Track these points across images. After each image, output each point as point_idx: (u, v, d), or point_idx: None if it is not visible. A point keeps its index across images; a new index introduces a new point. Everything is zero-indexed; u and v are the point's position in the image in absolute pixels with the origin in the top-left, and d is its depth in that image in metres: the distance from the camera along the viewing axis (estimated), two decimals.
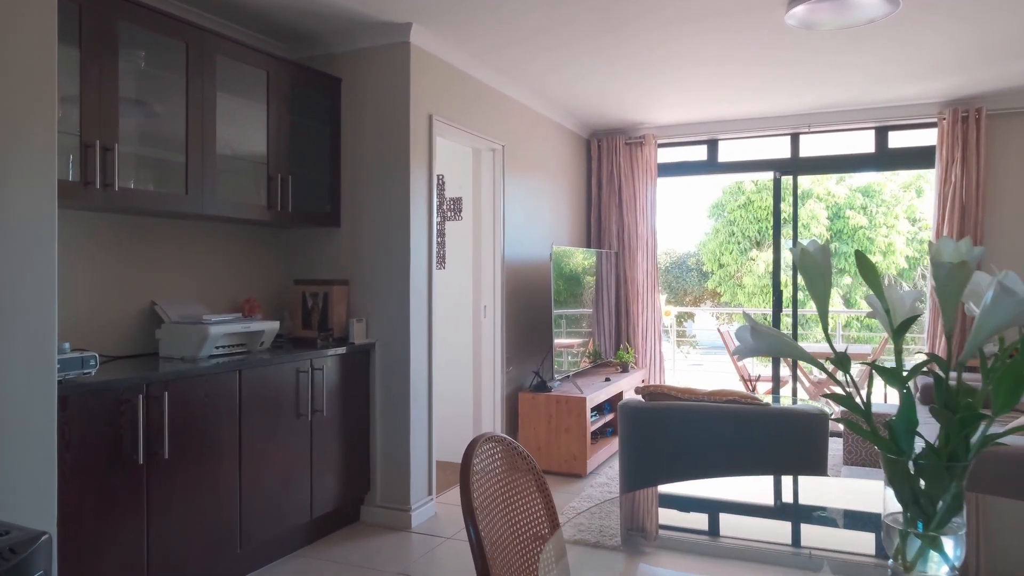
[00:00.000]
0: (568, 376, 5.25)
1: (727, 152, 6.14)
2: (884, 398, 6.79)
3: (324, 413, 3.54)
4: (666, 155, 6.36)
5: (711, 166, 6.22)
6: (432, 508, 4.04)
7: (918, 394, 4.80)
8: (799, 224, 12.22)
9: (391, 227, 3.88)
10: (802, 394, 6.68)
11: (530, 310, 5.36)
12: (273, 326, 3.45)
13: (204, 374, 2.88)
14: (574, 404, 4.72)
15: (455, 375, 4.98)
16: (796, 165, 5.90)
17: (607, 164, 6.28)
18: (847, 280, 12.02)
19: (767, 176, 6.09)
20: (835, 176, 12.54)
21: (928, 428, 1.08)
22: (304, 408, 3.42)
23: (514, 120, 5.04)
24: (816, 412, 2.78)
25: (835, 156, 5.83)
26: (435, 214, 4.08)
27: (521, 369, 5.19)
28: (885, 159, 5.66)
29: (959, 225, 5.20)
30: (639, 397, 3.11)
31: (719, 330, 7.52)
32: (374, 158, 3.92)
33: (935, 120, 5.34)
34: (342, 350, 3.66)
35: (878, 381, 4.82)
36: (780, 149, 5.97)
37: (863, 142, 5.71)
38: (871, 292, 1.16)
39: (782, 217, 12.25)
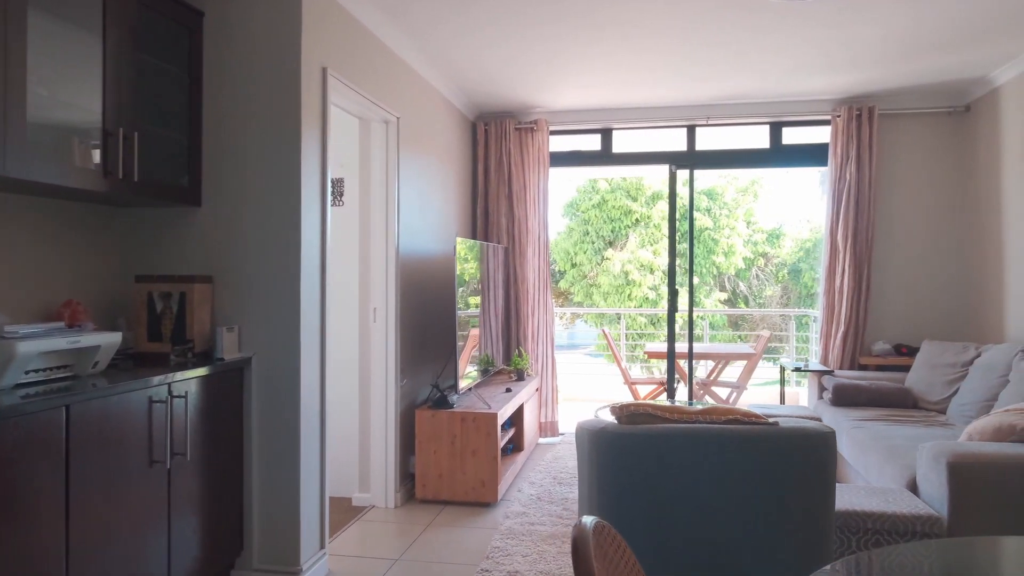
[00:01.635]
0: (470, 389, 4.58)
1: (622, 143, 5.79)
2: (781, 399, 6.79)
3: (187, 456, 2.62)
4: (559, 143, 5.89)
5: (605, 157, 5.83)
6: (325, 565, 3.21)
7: (829, 395, 4.67)
8: (651, 226, 12.43)
9: (274, 208, 3.01)
10: (684, 394, 6.50)
11: (428, 313, 4.64)
12: (113, 339, 2.49)
13: (9, 414, 1.91)
14: (482, 421, 4.07)
15: (338, 391, 4.14)
16: (692, 159, 5.66)
17: (495, 150, 5.69)
18: (695, 280, 12.38)
19: (662, 169, 5.81)
20: (683, 177, 12.87)
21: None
22: (160, 452, 2.48)
23: (409, 91, 4.30)
24: (826, 431, 2.37)
25: (731, 151, 5.66)
26: (330, 194, 3.25)
27: (417, 382, 4.45)
28: (780, 155, 5.56)
29: (853, 224, 5.18)
30: (609, 418, 2.54)
31: (604, 331, 7.20)
32: (250, 118, 3.03)
33: (829, 117, 5.30)
34: (205, 370, 2.75)
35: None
36: (676, 142, 5.71)
37: (759, 137, 5.59)
38: None
39: (635, 216, 12.36)
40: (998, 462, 2.72)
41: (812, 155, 5.48)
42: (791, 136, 5.51)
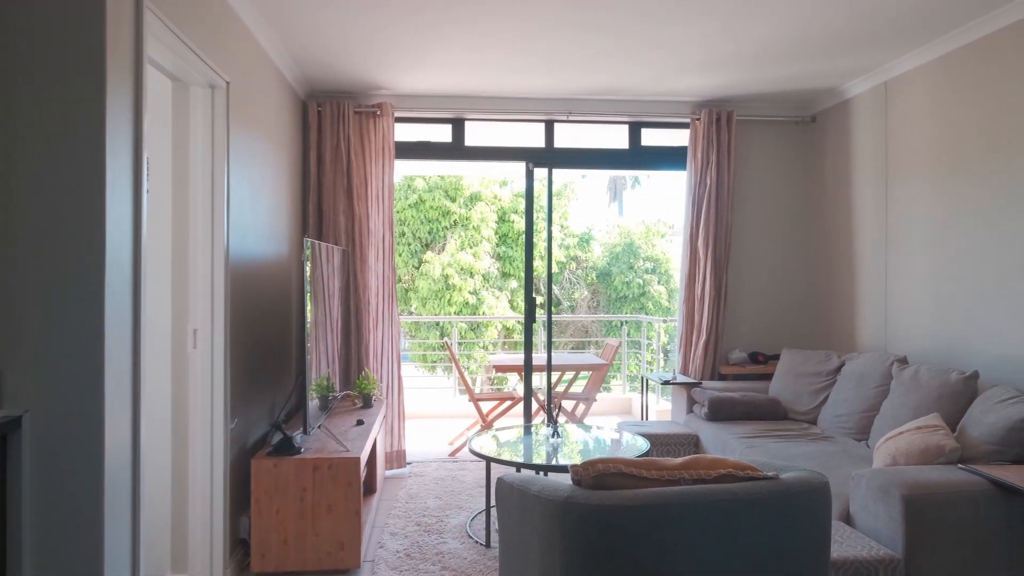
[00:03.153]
0: (320, 425, 3.73)
1: (476, 135, 5.21)
2: (643, 414, 6.58)
3: None
4: (406, 132, 5.17)
5: (457, 150, 5.22)
6: None
7: (704, 409, 4.46)
8: (470, 228, 12.00)
9: (63, 195, 2.03)
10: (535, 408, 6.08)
11: (264, 332, 3.72)
12: None
13: None
14: (340, 468, 3.27)
15: (142, 442, 3.10)
16: (551, 156, 5.23)
17: (332, 136, 4.83)
18: (513, 284, 12.15)
19: (517, 167, 5.32)
20: (500, 178, 12.62)
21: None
22: None
23: (239, 52, 3.37)
24: (824, 481, 1.97)
25: (591, 150, 5.32)
26: (146, 172, 2.30)
27: (250, 421, 3.52)
28: (639, 157, 5.32)
29: (714, 230, 5.06)
30: (570, 483, 1.94)
31: (447, 343, 6.56)
32: (26, 64, 2.02)
33: (688, 120, 5.14)
34: None
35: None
36: (534, 137, 5.25)
37: (619, 137, 5.30)
38: None
39: (454, 218, 11.86)
40: (951, 492, 2.53)
41: (672, 158, 5.30)
42: (650, 138, 5.29)
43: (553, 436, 3.86)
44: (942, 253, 3.92)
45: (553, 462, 3.43)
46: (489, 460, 3.51)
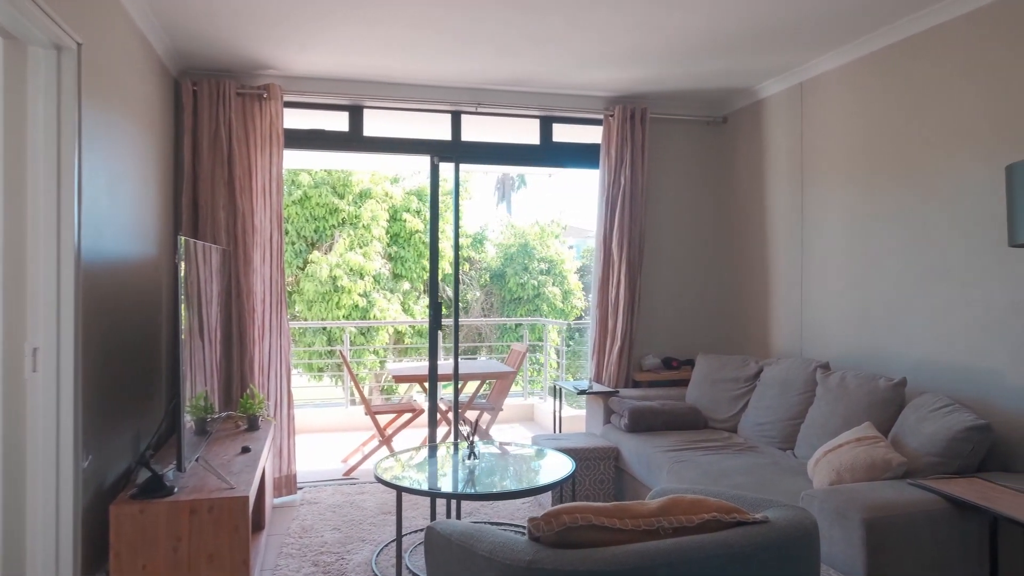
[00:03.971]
0: (198, 457, 3.16)
1: (376, 125, 4.74)
2: (556, 425, 6.28)
3: None
4: (297, 119, 4.62)
5: (355, 141, 4.73)
6: None
7: (625, 421, 4.22)
8: (360, 227, 11.36)
9: None
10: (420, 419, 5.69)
11: (125, 348, 3.11)
12: None
13: None
14: (225, 510, 2.75)
15: None
16: (458, 150, 4.85)
17: (210, 120, 4.23)
18: (406, 286, 11.63)
19: (422, 160, 4.90)
20: (392, 175, 12.05)
21: None
22: None
23: (97, 10, 2.77)
24: (813, 520, 1.72)
25: (500, 144, 4.97)
26: None
27: (108, 457, 2.92)
28: (550, 154, 5.04)
29: (628, 232, 4.85)
30: (525, 537, 1.58)
31: (341, 352, 6.01)
32: None
33: (602, 116, 4.91)
34: None
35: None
36: (440, 130, 4.85)
37: (530, 132, 5.00)
38: None
39: (342, 216, 11.20)
40: (910, 512, 2.38)
41: (584, 155, 5.05)
42: (563, 133, 5.02)
43: (470, 457, 3.49)
44: (860, 257, 3.87)
45: (474, 489, 3.06)
46: (401, 490, 3.09)
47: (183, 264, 2.92)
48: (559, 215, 14.65)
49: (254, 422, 3.92)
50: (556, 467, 3.37)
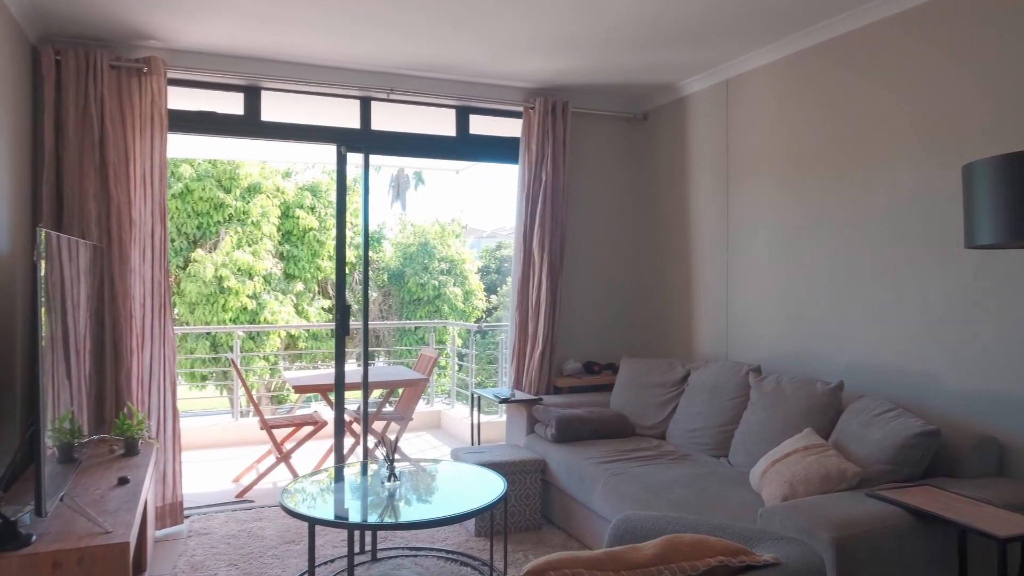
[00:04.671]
0: (64, 495, 2.62)
1: (275, 109, 4.27)
2: (474, 437, 5.95)
3: None
4: (184, 99, 4.08)
5: (251, 126, 4.23)
6: None
7: (552, 431, 3.98)
8: (248, 223, 10.58)
9: None
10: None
11: None
12: None
13: None
14: (98, 561, 2.27)
15: None
16: (368, 140, 4.46)
17: (78, 95, 3.64)
18: (299, 287, 10.95)
19: (328, 150, 4.47)
20: (286, 167, 11.33)
21: None
22: None
23: None
24: (819, 561, 1.51)
25: (414, 135, 4.61)
26: None
27: None
28: (468, 147, 4.73)
29: (550, 230, 4.62)
30: None
31: (232, 360, 5.43)
32: None
33: (521, 109, 4.66)
34: None
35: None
36: (349, 117, 4.43)
37: (446, 123, 4.67)
38: None
39: (228, 211, 10.41)
40: (877, 527, 2.25)
41: (503, 150, 4.78)
42: (480, 126, 4.73)
43: (389, 479, 3.12)
44: (791, 258, 3.81)
45: (397, 517, 2.71)
46: (314, 522, 2.69)
47: (43, 262, 2.40)
48: (460, 214, 14.33)
49: (133, 446, 3.38)
50: (485, 486, 3.08)
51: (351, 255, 12.57)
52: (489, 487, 3.07)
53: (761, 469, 2.90)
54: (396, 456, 3.16)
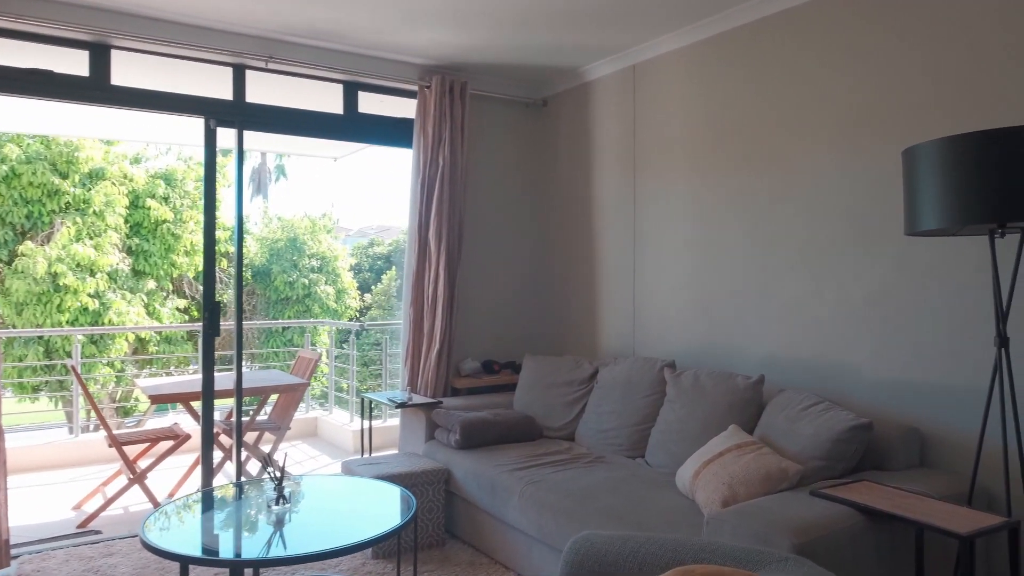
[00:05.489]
0: None
1: (129, 72, 3.64)
2: (365, 446, 5.53)
3: None
4: (13, 53, 3.38)
5: (98, 90, 3.59)
6: None
7: (456, 436, 3.64)
8: (90, 213, 9.39)
9: None
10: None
11: None
12: None
13: None
14: None
15: None
16: (242, 113, 3.92)
17: None
18: (151, 285, 9.86)
19: (194, 124, 3.90)
20: (132, 153, 10.19)
21: None
22: None
23: None
24: None
25: (296, 110, 4.11)
26: None
27: None
28: (356, 126, 4.29)
29: (447, 219, 4.29)
30: None
31: (73, 367, 4.65)
32: None
33: (416, 87, 4.29)
34: None
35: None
36: (220, 87, 3.88)
37: (332, 99, 4.21)
38: None
39: (65, 199, 9.20)
40: (834, 529, 2.11)
41: (395, 131, 4.39)
42: (370, 104, 4.31)
43: (278, 501, 2.67)
44: (703, 249, 3.71)
45: (287, 550, 2.29)
46: (187, 562, 2.21)
47: None
48: (331, 208, 13.61)
49: None
50: (388, 503, 2.71)
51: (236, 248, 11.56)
52: (393, 504, 2.70)
53: (692, 470, 2.72)
54: (273, 468, 2.71)
